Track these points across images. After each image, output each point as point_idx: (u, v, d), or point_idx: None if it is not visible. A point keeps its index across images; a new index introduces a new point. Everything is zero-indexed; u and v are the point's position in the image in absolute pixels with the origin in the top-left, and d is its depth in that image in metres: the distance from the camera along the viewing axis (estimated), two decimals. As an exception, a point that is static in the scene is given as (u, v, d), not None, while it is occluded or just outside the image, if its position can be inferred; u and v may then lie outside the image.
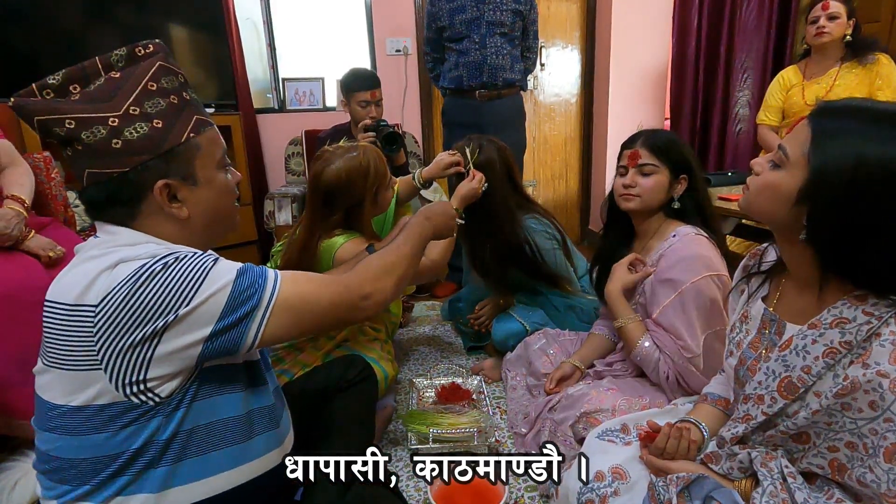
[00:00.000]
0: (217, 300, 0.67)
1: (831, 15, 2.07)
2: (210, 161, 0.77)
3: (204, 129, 0.76)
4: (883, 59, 2.07)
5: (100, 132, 0.68)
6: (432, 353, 2.01)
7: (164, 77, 0.73)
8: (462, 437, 1.34)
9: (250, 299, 0.69)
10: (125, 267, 0.65)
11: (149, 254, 0.67)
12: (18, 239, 1.36)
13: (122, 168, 0.69)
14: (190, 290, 0.65)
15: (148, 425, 0.69)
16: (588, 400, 1.18)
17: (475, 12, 2.26)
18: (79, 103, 0.68)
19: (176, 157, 0.72)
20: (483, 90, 2.35)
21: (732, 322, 0.92)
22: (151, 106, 0.70)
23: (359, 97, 2.22)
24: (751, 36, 2.97)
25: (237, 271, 0.70)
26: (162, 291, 0.64)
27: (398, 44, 3.11)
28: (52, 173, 1.75)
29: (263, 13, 3.06)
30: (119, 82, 0.70)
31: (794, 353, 0.74)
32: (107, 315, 0.64)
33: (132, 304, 0.63)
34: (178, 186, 0.73)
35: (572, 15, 3.32)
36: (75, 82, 0.71)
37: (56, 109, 0.67)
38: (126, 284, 0.64)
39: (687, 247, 1.17)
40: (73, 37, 2.37)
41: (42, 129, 0.67)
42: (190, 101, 0.76)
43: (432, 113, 3.26)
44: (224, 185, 0.80)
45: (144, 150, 0.69)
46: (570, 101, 3.48)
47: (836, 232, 0.68)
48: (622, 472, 0.89)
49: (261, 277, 0.71)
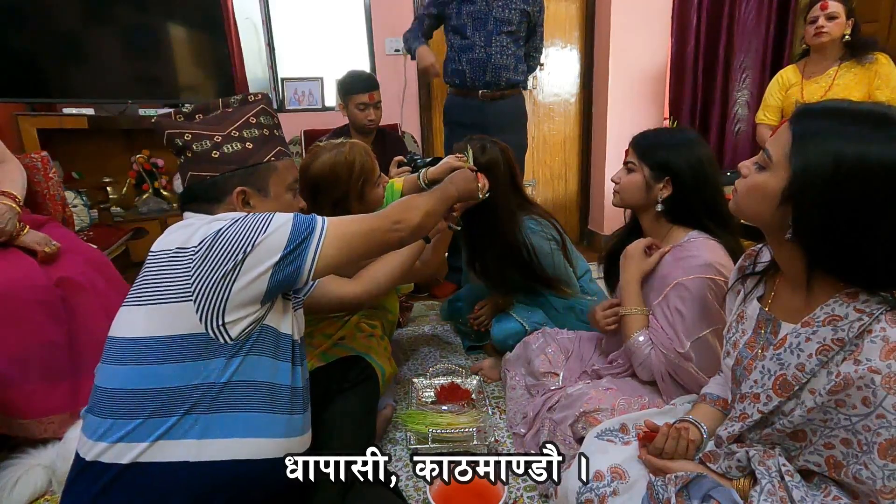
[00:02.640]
0: (282, 232, 0.84)
1: (830, 15, 2.07)
2: (282, 182, 0.98)
3: (283, 157, 0.99)
4: (882, 59, 2.07)
5: (205, 144, 0.91)
6: (431, 352, 2.01)
7: (262, 116, 0.98)
8: (461, 436, 1.34)
9: (307, 230, 0.86)
10: (218, 222, 0.84)
11: (236, 216, 0.86)
12: (12, 235, 1.36)
13: (214, 173, 0.91)
14: (262, 227, 0.83)
15: (210, 364, 0.80)
16: (587, 399, 1.18)
17: (483, 6, 2.26)
18: (197, 124, 0.92)
19: (256, 171, 0.94)
20: (486, 90, 2.35)
21: (729, 322, 0.93)
22: (248, 133, 0.94)
23: (357, 99, 2.21)
24: (749, 36, 2.98)
25: (294, 215, 0.88)
26: (243, 230, 0.82)
27: (397, 43, 3.11)
28: (50, 173, 1.75)
29: (262, 13, 3.06)
30: (229, 114, 0.95)
31: (789, 351, 0.75)
32: (203, 252, 0.80)
33: (222, 242, 0.81)
34: (252, 195, 0.94)
35: (571, 15, 3.32)
36: (200, 112, 0.95)
37: (180, 126, 0.92)
38: (220, 231, 0.82)
39: (694, 249, 1.15)
40: (73, 36, 2.36)
41: (168, 139, 0.92)
42: (277, 136, 1.00)
43: (431, 112, 3.26)
44: (288, 203, 1.00)
45: (234, 161, 0.92)
46: (569, 101, 3.48)
47: (820, 230, 0.69)
48: (621, 472, 0.89)
49: (313, 219, 0.89)
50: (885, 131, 0.66)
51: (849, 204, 0.66)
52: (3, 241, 1.35)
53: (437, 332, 2.20)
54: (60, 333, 1.33)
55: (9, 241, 1.36)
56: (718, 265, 1.12)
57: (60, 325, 1.34)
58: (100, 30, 2.43)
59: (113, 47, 2.47)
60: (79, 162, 2.48)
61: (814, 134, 0.69)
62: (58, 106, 2.48)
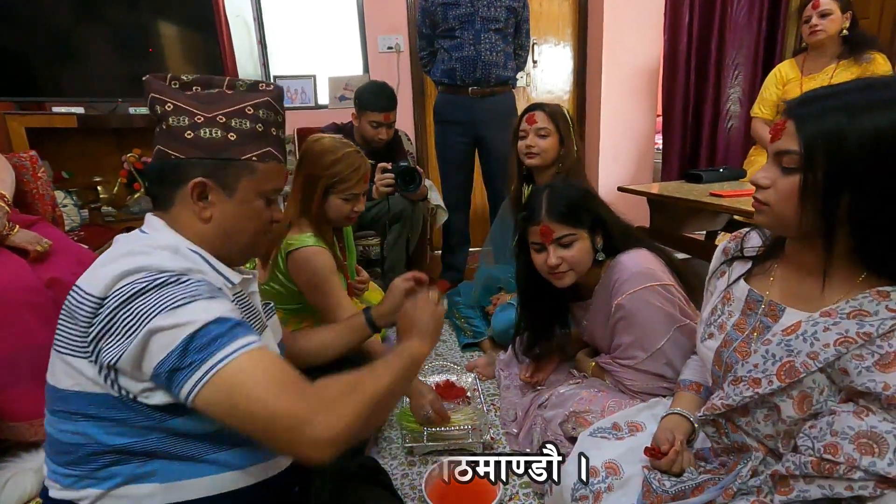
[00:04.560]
0: (176, 333, 0.65)
1: (823, 12, 2.08)
2: (256, 186, 0.81)
3: (268, 161, 0.82)
4: (879, 59, 2.08)
5: (183, 121, 0.77)
6: (426, 350, 2.00)
7: (263, 109, 0.81)
8: (456, 434, 1.34)
9: (199, 353, 0.65)
10: (136, 275, 0.68)
11: (159, 267, 0.69)
12: (2, 234, 1.34)
13: (180, 155, 0.77)
14: (165, 307, 0.65)
15: (140, 422, 0.70)
16: (578, 400, 1.19)
17: (469, 8, 2.26)
18: (187, 97, 0.78)
19: (228, 166, 0.79)
20: (476, 87, 2.35)
21: (713, 304, 0.90)
22: (236, 122, 0.79)
23: (371, 116, 2.19)
24: (742, 33, 3.00)
25: (213, 318, 0.66)
26: (147, 303, 0.66)
27: (390, 41, 3.10)
28: (39, 172, 1.73)
29: (254, 10, 3.04)
30: (227, 96, 0.80)
31: (802, 338, 0.72)
32: (106, 311, 0.67)
33: (124, 308, 0.66)
34: (214, 189, 0.78)
35: (564, 12, 3.32)
36: (198, 85, 0.82)
37: (166, 93, 0.78)
38: (127, 290, 0.67)
39: (626, 269, 1.14)
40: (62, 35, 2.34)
41: (150, 103, 0.79)
42: (272, 136, 0.83)
43: (425, 111, 3.26)
44: (256, 211, 0.82)
45: (205, 148, 0.78)
46: (562, 98, 3.48)
47: (874, 210, 0.65)
48: (615, 467, 0.90)
49: (226, 337, 0.66)
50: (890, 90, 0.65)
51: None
52: (-7, 240, 1.34)
53: (431, 330, 2.20)
54: (51, 335, 1.32)
55: (-1, 241, 1.35)
56: (647, 270, 1.13)
57: (51, 327, 1.31)
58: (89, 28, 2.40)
59: (103, 46, 2.44)
60: (69, 161, 2.46)
61: (819, 113, 0.66)
62: (47, 105, 2.45)
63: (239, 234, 0.82)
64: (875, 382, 0.65)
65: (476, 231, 2.99)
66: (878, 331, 0.66)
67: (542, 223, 1.15)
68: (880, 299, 0.68)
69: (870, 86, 0.68)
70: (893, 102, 0.64)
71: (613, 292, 1.16)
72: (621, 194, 2.56)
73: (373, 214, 2.18)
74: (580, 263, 1.17)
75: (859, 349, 0.67)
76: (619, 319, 1.16)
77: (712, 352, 0.87)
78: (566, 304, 1.36)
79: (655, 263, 1.15)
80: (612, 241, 1.19)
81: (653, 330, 1.13)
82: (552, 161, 1.72)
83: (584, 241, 1.16)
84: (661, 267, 1.16)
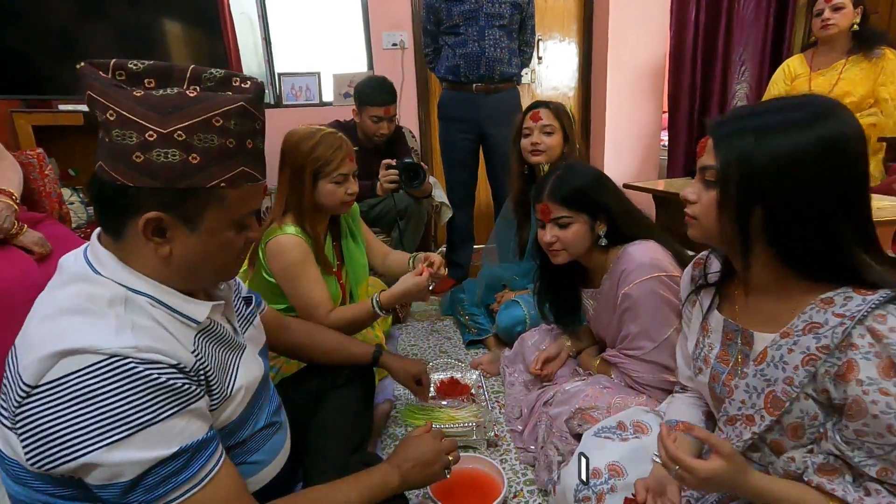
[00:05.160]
0: (121, 471, 0.57)
1: (836, 6, 2.06)
2: (226, 216, 0.66)
3: (240, 184, 0.66)
4: (889, 55, 2.06)
5: (130, 138, 0.60)
6: (431, 347, 2.01)
7: (236, 118, 0.64)
8: (461, 431, 1.35)
9: (147, 493, 0.58)
10: (72, 363, 0.56)
11: (102, 350, 0.57)
12: (10, 233, 1.35)
13: (127, 181, 0.61)
14: (108, 437, 0.55)
15: (92, 495, 0.60)
16: (584, 396, 1.18)
17: (474, 4, 2.25)
18: (135, 101, 0.60)
19: (188, 198, 0.63)
20: (480, 83, 2.34)
21: (695, 337, 0.89)
22: (200, 140, 0.62)
23: (372, 111, 2.19)
24: (749, 29, 2.97)
25: (168, 455, 0.58)
26: (85, 423, 0.55)
27: (395, 38, 3.09)
28: (46, 170, 1.74)
29: (258, 7, 3.04)
30: (188, 101, 0.61)
31: (772, 365, 0.72)
32: (31, 412, 0.56)
33: (54, 423, 0.55)
34: (172, 224, 0.64)
35: (570, 8, 3.30)
36: (153, 78, 0.64)
37: (108, 95, 0.60)
38: (59, 390, 0.55)
39: (628, 261, 1.17)
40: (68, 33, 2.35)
41: (89, 103, 0.62)
42: (249, 151, 0.67)
43: (429, 107, 3.25)
44: (226, 243, 0.68)
45: (159, 177, 0.61)
46: (567, 95, 3.47)
47: (786, 222, 0.69)
48: (619, 469, 0.89)
49: (182, 475, 0.60)
50: (801, 111, 0.68)
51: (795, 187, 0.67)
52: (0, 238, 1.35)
53: (436, 327, 2.20)
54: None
55: (6, 239, 1.36)
56: (654, 261, 1.14)
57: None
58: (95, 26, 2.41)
59: (108, 43, 2.45)
60: (75, 159, 2.47)
61: (732, 133, 0.70)
62: (53, 103, 2.46)
63: (205, 268, 0.69)
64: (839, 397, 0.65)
65: (480, 228, 2.98)
66: (834, 341, 0.65)
67: (544, 202, 1.21)
68: (825, 307, 0.68)
69: (784, 107, 0.70)
70: (800, 125, 0.67)
71: (620, 282, 1.17)
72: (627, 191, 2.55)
73: (378, 211, 2.18)
74: (573, 245, 1.21)
75: (824, 365, 0.67)
76: (626, 309, 1.17)
77: (706, 387, 0.86)
78: (577, 277, 1.37)
79: (663, 255, 1.16)
80: (618, 230, 1.21)
81: (659, 319, 1.14)
82: (557, 158, 1.72)
83: (581, 224, 1.20)
84: (668, 259, 1.17)
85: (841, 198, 0.67)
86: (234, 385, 0.74)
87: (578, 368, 1.40)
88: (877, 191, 1.99)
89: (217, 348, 0.73)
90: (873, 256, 0.68)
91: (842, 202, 0.67)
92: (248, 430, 0.78)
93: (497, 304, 1.91)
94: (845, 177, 0.66)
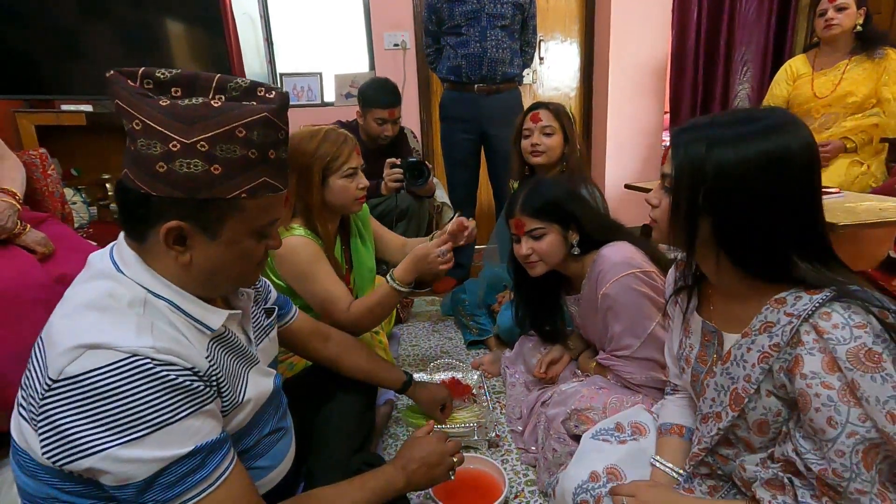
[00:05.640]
0: (138, 469, 0.58)
1: (839, 6, 2.05)
2: (246, 226, 0.68)
3: (261, 195, 0.67)
4: (892, 55, 2.06)
5: (154, 148, 0.61)
6: (432, 348, 2.01)
7: (259, 128, 0.64)
8: (462, 431, 1.35)
9: (164, 491, 0.60)
10: (93, 358, 0.57)
11: (122, 347, 0.58)
12: (13, 232, 1.35)
13: (150, 190, 0.63)
14: (126, 434, 0.57)
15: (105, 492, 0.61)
16: (580, 397, 1.18)
17: (476, 4, 2.25)
18: (161, 111, 0.61)
19: (209, 208, 0.64)
20: (482, 84, 2.34)
21: (678, 339, 0.91)
22: (223, 150, 0.62)
23: (376, 114, 2.19)
24: (751, 29, 2.97)
25: (185, 453, 0.60)
26: (103, 418, 0.57)
27: (396, 38, 3.10)
28: (49, 170, 1.74)
29: (260, 8, 3.05)
30: (212, 111, 0.62)
31: (735, 363, 0.75)
32: (52, 404, 0.57)
33: (73, 416, 0.57)
34: (192, 233, 0.65)
35: (571, 8, 3.30)
36: (179, 87, 0.65)
37: (135, 105, 0.61)
38: (80, 386, 0.56)
39: (602, 262, 1.19)
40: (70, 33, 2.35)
41: (116, 111, 0.63)
42: (271, 161, 0.67)
43: (431, 107, 3.25)
44: (246, 252, 0.70)
45: (181, 187, 0.62)
46: (569, 95, 3.47)
47: (732, 229, 0.71)
48: (617, 472, 0.89)
49: (197, 474, 0.61)
50: (753, 125, 0.69)
51: (740, 195, 0.69)
52: (3, 238, 1.35)
53: (437, 327, 2.21)
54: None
55: (9, 238, 1.36)
56: (627, 259, 1.16)
57: (60, 323, 1.33)
58: (97, 26, 2.41)
59: (110, 43, 2.45)
60: (78, 159, 2.48)
61: (688, 142, 0.73)
62: (56, 102, 2.47)
63: (225, 276, 0.71)
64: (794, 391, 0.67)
65: (482, 228, 2.98)
66: (783, 339, 0.68)
67: (517, 216, 1.25)
68: (779, 307, 0.70)
69: (737, 120, 0.72)
70: (747, 138, 0.69)
71: (598, 284, 1.20)
72: (628, 191, 2.55)
73: (380, 210, 2.19)
74: (549, 255, 1.24)
75: (777, 361, 0.69)
76: (608, 309, 1.19)
77: (690, 386, 0.88)
78: (557, 286, 1.40)
79: (635, 253, 1.19)
80: (590, 237, 1.24)
81: (640, 314, 1.15)
82: (557, 159, 1.72)
83: (554, 235, 1.23)
84: (641, 256, 1.19)
85: (784, 208, 0.69)
86: (244, 395, 0.74)
87: (577, 370, 1.40)
88: (879, 191, 1.99)
89: (229, 357, 0.74)
90: (822, 259, 0.71)
91: (785, 212, 0.69)
92: (254, 436, 0.79)
93: (498, 304, 1.91)
94: (788, 189, 0.69)
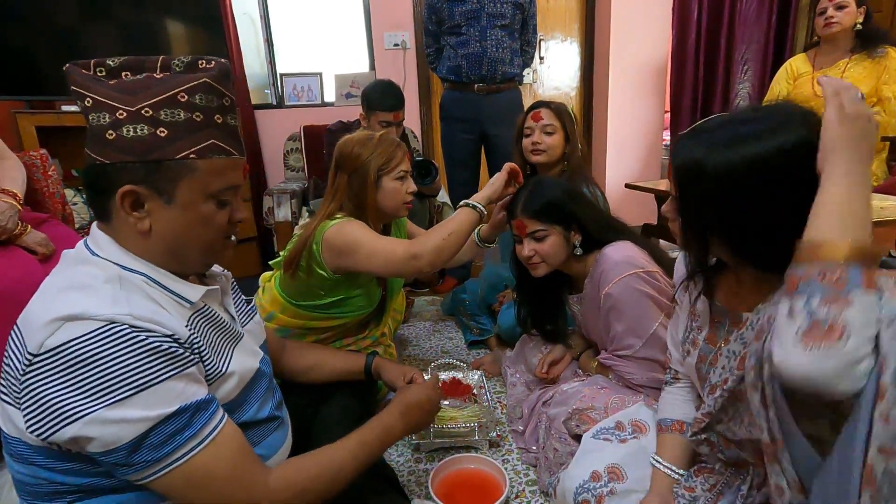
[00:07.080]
0: (125, 430, 0.59)
1: (839, 4, 2.06)
2: (199, 188, 0.69)
3: (211, 156, 0.69)
4: (892, 53, 2.06)
5: (103, 119, 0.66)
6: (433, 347, 2.01)
7: (200, 94, 0.68)
8: (463, 431, 1.35)
9: (153, 451, 0.61)
10: (72, 329, 0.59)
11: (100, 316, 0.60)
12: (13, 233, 1.36)
13: (104, 159, 0.67)
14: (110, 396, 0.58)
15: (97, 467, 0.63)
16: (581, 397, 1.18)
17: (475, 4, 2.25)
18: (109, 88, 0.66)
19: (160, 169, 0.67)
20: (482, 84, 2.34)
21: (685, 322, 0.91)
22: (167, 114, 0.67)
23: (381, 117, 2.17)
24: (751, 28, 2.96)
25: (171, 412, 0.61)
26: (86, 383, 0.58)
27: (396, 38, 3.10)
28: (49, 170, 1.74)
29: (261, 8, 3.05)
30: (156, 81, 0.67)
31: (750, 328, 0.75)
32: (35, 377, 0.58)
33: (56, 383, 0.58)
34: (148, 196, 0.68)
35: (571, 7, 3.30)
36: (128, 70, 0.69)
37: (85, 86, 0.67)
38: (61, 355, 0.58)
39: (604, 262, 1.19)
40: (71, 33, 2.36)
41: (73, 96, 0.69)
42: (215, 125, 0.70)
43: (431, 107, 3.25)
44: (204, 216, 0.71)
45: (130, 151, 0.66)
46: (569, 95, 3.47)
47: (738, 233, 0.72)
48: (618, 472, 0.89)
49: (186, 432, 0.63)
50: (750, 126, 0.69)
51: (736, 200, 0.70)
52: (4, 238, 1.35)
53: (438, 327, 2.20)
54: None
55: (10, 239, 1.36)
56: (629, 259, 1.16)
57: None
58: (98, 26, 2.42)
59: (111, 44, 2.46)
60: (78, 159, 2.48)
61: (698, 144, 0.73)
62: (56, 103, 2.47)
63: (189, 245, 0.72)
64: None
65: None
66: None
67: (518, 218, 1.25)
68: None
69: (732, 121, 0.72)
70: (745, 139, 0.69)
71: (600, 283, 1.19)
72: (629, 190, 2.55)
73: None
74: (552, 256, 1.24)
75: None
76: (610, 309, 1.19)
77: (693, 369, 0.87)
78: (559, 286, 1.40)
79: (637, 252, 1.19)
80: (592, 237, 1.24)
81: (643, 315, 1.15)
82: (558, 158, 1.72)
83: (556, 236, 1.23)
84: (643, 256, 1.19)
85: (791, 206, 0.68)
86: (227, 367, 0.74)
87: (579, 370, 1.40)
88: (880, 190, 1.98)
89: (212, 331, 0.75)
90: None
91: (793, 209, 0.68)
92: (247, 412, 0.78)
93: (499, 304, 1.91)
94: (791, 188, 0.68)
